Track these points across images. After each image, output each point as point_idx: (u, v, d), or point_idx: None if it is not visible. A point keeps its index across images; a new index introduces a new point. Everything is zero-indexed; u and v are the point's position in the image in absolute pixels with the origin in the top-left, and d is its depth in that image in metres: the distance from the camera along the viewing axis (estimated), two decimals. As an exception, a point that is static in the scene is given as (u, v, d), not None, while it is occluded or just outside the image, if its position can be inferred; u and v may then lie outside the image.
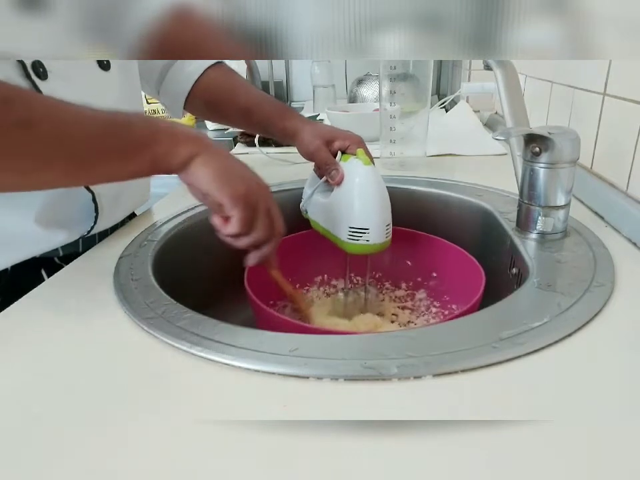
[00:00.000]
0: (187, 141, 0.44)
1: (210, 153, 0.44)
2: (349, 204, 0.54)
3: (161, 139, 0.43)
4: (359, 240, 0.54)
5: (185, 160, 0.43)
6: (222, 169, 0.44)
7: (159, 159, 0.43)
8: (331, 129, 0.61)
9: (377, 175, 0.55)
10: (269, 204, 0.47)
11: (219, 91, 0.69)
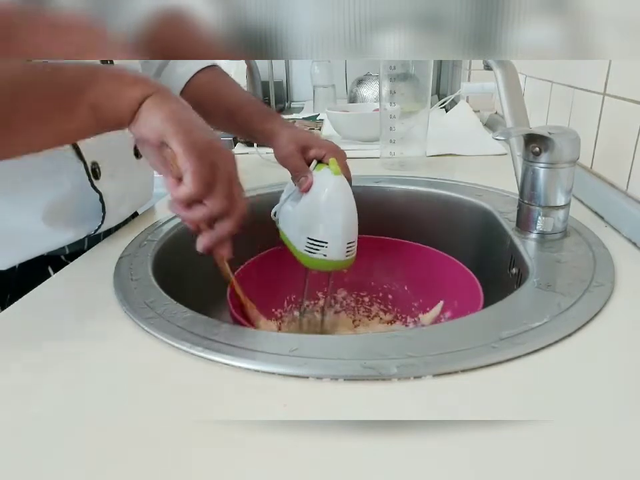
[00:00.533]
0: (135, 81, 0.38)
1: (164, 95, 0.39)
2: (311, 214, 0.51)
3: (101, 79, 0.38)
4: (315, 253, 0.51)
5: (133, 103, 0.37)
6: (178, 112, 0.38)
7: (100, 104, 0.37)
8: (309, 136, 0.58)
9: (346, 187, 0.51)
10: (232, 171, 0.40)
11: (206, 94, 0.69)
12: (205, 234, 0.41)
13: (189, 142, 0.37)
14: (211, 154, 0.38)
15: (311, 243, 0.51)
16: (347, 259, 0.51)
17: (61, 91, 0.37)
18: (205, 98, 0.69)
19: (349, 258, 0.51)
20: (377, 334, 0.36)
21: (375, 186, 0.73)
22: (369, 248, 0.59)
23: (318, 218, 0.50)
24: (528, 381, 0.31)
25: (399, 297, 0.65)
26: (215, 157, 0.39)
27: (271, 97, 1.77)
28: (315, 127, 1.15)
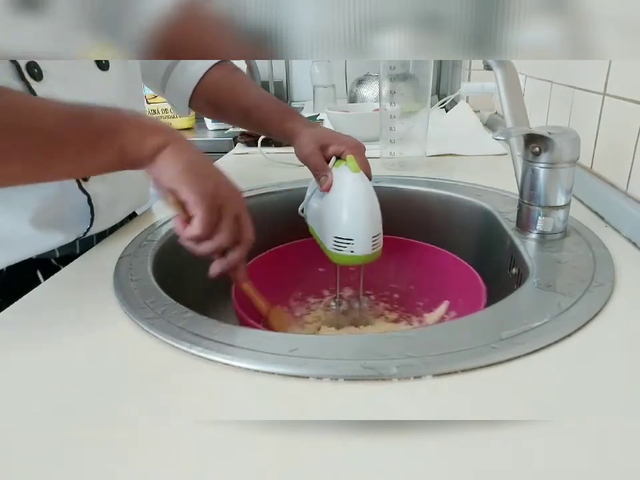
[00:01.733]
0: (155, 131, 0.42)
1: (180, 146, 0.43)
2: (335, 212, 0.52)
3: (127, 127, 0.42)
4: (343, 250, 0.52)
5: (153, 150, 0.41)
6: (192, 163, 0.42)
7: (126, 149, 0.41)
8: (330, 133, 0.59)
9: (365, 182, 0.52)
10: (239, 210, 0.44)
11: (221, 91, 0.69)
12: (216, 262, 0.45)
13: (198, 191, 0.41)
14: (218, 197, 0.42)
15: (338, 240, 0.52)
16: (374, 252, 0.53)
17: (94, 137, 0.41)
18: (219, 96, 0.69)
19: (375, 251, 0.53)
20: (377, 334, 0.36)
21: (375, 186, 0.72)
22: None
23: (341, 216, 0.52)
24: (528, 381, 0.31)
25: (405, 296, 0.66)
26: (222, 200, 0.42)
27: (271, 97, 1.77)
28: (315, 127, 1.15)
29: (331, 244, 0.53)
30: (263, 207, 0.69)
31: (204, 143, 1.46)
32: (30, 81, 0.47)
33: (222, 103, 0.69)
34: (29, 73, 0.47)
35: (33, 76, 0.48)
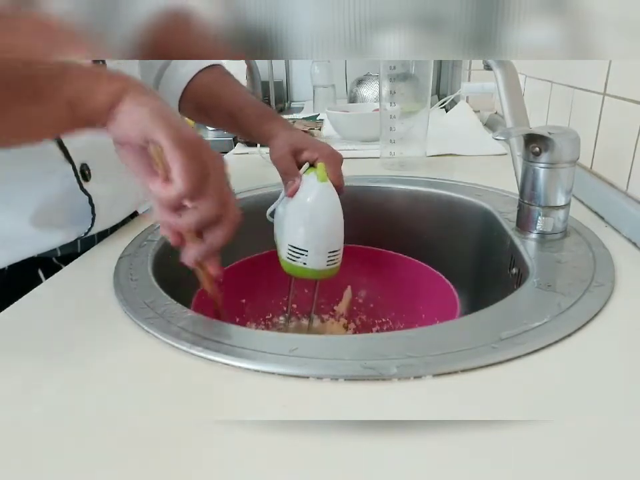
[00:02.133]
0: (109, 78, 0.36)
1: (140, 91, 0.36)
2: (294, 219, 0.50)
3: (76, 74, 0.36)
4: (296, 261, 0.49)
5: (109, 100, 0.35)
6: (161, 108, 0.35)
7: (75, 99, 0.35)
8: (307, 138, 0.57)
9: (330, 194, 0.49)
10: (222, 174, 0.37)
11: (207, 96, 0.69)
12: (192, 245, 0.37)
13: (178, 137, 0.34)
14: (201, 152, 0.35)
15: (292, 250, 0.49)
16: (328, 268, 0.50)
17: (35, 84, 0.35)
18: (207, 99, 0.69)
19: (330, 267, 0.50)
20: (377, 334, 0.36)
21: (374, 186, 0.73)
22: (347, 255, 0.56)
23: (300, 224, 0.49)
24: (528, 381, 0.31)
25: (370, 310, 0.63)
26: (205, 156, 0.35)
27: (271, 97, 1.77)
28: (315, 127, 1.15)
29: (285, 252, 0.50)
30: (261, 207, 0.69)
31: (204, 143, 1.46)
32: None
33: (208, 107, 0.69)
34: None
35: None
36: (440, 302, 0.52)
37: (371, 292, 0.52)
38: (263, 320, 0.62)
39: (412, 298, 0.58)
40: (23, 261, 0.54)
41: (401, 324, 0.61)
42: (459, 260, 0.69)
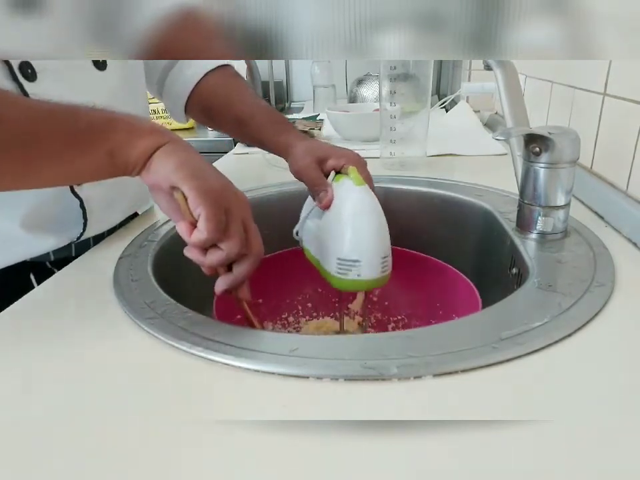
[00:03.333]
0: (147, 132, 0.39)
1: (175, 145, 0.39)
2: (338, 231, 0.46)
3: (118, 127, 0.39)
4: (348, 274, 0.45)
5: (146, 152, 0.38)
6: (189, 160, 0.39)
7: (116, 151, 0.38)
8: (327, 146, 0.54)
9: (371, 196, 0.47)
10: (246, 215, 0.40)
11: (215, 99, 0.66)
12: (222, 277, 0.41)
13: (201, 187, 0.37)
14: (224, 199, 0.38)
15: (342, 263, 0.46)
16: (383, 275, 0.46)
17: (81, 136, 0.38)
18: (214, 103, 0.66)
19: (385, 274, 0.46)
20: (377, 334, 0.36)
21: (375, 186, 0.72)
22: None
23: (345, 235, 0.45)
24: (528, 381, 0.31)
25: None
26: (228, 202, 0.38)
27: (270, 97, 1.77)
28: (315, 127, 1.15)
29: (334, 267, 0.46)
30: (262, 207, 0.69)
31: (204, 143, 1.46)
32: (23, 81, 0.46)
33: (216, 111, 0.66)
34: (22, 73, 0.46)
35: (26, 76, 0.46)
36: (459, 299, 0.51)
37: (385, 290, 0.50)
38: (279, 319, 0.62)
39: (429, 295, 0.57)
40: (15, 265, 0.54)
41: (417, 321, 0.60)
42: (459, 260, 0.69)
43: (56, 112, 0.38)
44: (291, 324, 0.63)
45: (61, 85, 0.49)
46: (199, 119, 0.73)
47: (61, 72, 0.50)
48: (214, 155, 1.32)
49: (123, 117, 0.40)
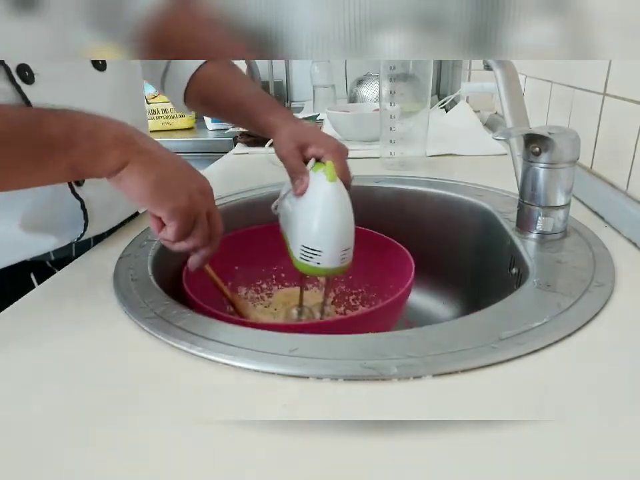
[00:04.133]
0: (111, 145, 0.40)
1: (144, 161, 0.41)
2: (306, 220, 0.49)
3: (79, 140, 0.39)
4: (310, 261, 0.49)
5: (112, 169, 0.40)
6: (159, 180, 0.41)
7: (78, 166, 0.39)
8: (311, 132, 0.55)
9: (341, 192, 0.49)
10: (210, 208, 0.45)
11: (213, 86, 0.68)
12: (192, 258, 0.47)
13: (171, 207, 0.41)
14: (192, 210, 0.42)
15: (305, 250, 0.49)
16: (342, 265, 0.50)
17: (39, 150, 0.38)
18: (210, 91, 0.68)
19: (344, 265, 0.50)
20: (377, 334, 0.36)
21: (375, 186, 0.73)
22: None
23: (312, 225, 0.49)
24: (528, 381, 0.31)
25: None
26: (196, 210, 0.43)
27: (271, 97, 1.77)
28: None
29: (298, 252, 0.50)
30: (261, 207, 0.69)
31: (204, 143, 1.46)
32: (21, 84, 0.46)
33: (212, 98, 0.68)
34: (20, 75, 0.46)
35: (24, 79, 0.46)
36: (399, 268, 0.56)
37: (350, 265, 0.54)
38: (253, 285, 0.67)
39: (383, 270, 0.62)
40: (15, 265, 0.53)
41: (373, 293, 0.65)
42: (459, 260, 0.69)
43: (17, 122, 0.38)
44: (263, 290, 0.68)
45: (59, 87, 0.49)
46: (198, 109, 0.74)
47: (58, 74, 0.49)
48: (214, 155, 1.32)
49: (86, 125, 0.40)
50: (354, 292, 0.67)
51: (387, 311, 0.49)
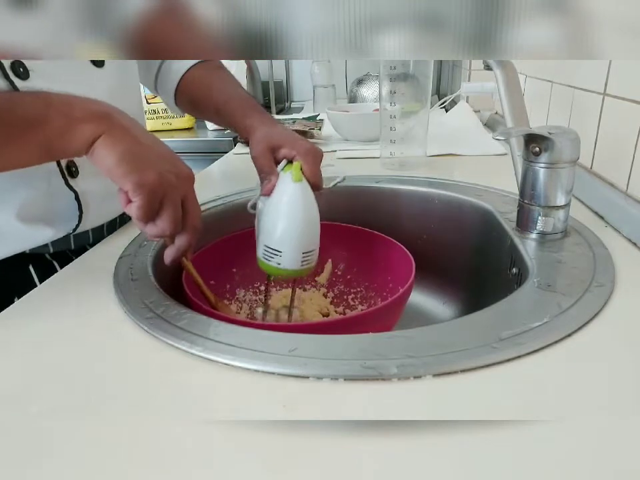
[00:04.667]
0: (86, 119, 0.39)
1: (117, 133, 0.40)
2: (270, 220, 0.50)
3: (53, 116, 0.38)
4: (270, 261, 0.50)
5: (85, 142, 0.39)
6: (130, 152, 0.40)
7: (51, 144, 0.38)
8: (285, 134, 0.55)
9: (305, 194, 0.49)
10: (185, 194, 0.43)
11: (198, 90, 0.69)
12: (168, 249, 0.45)
13: (137, 180, 0.39)
14: (159, 186, 0.41)
15: (267, 250, 0.49)
16: (302, 268, 0.50)
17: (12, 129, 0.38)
18: (198, 93, 0.69)
19: (304, 267, 0.50)
20: (377, 334, 0.36)
21: (375, 186, 0.73)
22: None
23: (275, 225, 0.49)
24: (528, 381, 0.31)
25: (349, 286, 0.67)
26: (163, 188, 0.41)
27: (271, 97, 1.77)
28: (315, 127, 1.15)
29: (261, 251, 0.51)
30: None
31: (204, 143, 1.46)
32: (14, 79, 0.46)
33: (198, 101, 0.69)
34: (14, 71, 0.46)
35: (18, 74, 0.47)
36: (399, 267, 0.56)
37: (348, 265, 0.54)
38: (251, 287, 0.67)
39: (382, 269, 0.62)
40: (14, 257, 0.54)
41: (372, 292, 0.65)
42: (459, 260, 0.69)
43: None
44: (262, 292, 0.67)
45: (54, 84, 0.48)
46: (187, 110, 0.75)
47: (54, 70, 0.49)
48: (214, 154, 1.32)
49: (60, 101, 0.40)
50: (353, 291, 0.67)
51: (388, 311, 0.49)
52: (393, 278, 0.60)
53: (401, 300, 0.50)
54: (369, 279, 0.65)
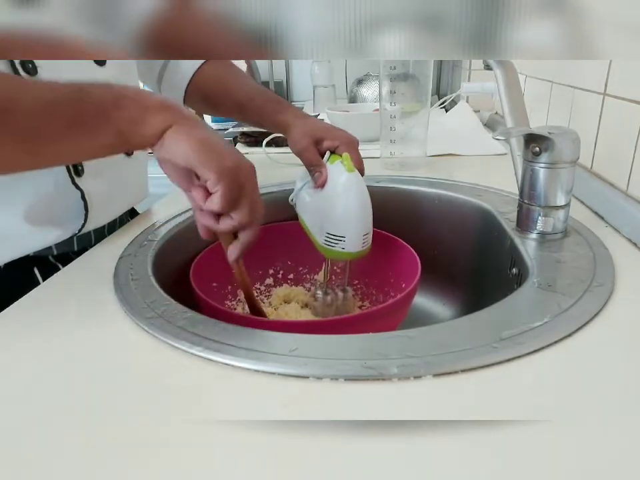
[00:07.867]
0: (158, 108, 0.40)
1: (188, 123, 0.40)
2: (328, 209, 0.53)
3: (126, 104, 0.39)
4: (335, 247, 0.54)
5: (157, 130, 0.39)
6: (204, 140, 0.40)
7: (126, 129, 0.39)
8: (323, 126, 0.58)
9: (359, 182, 0.53)
10: (255, 185, 0.43)
11: (214, 86, 0.69)
12: (232, 246, 0.44)
13: (219, 167, 0.39)
14: (239, 175, 0.40)
15: (330, 236, 0.53)
16: (364, 249, 0.54)
17: (87, 116, 0.38)
18: (213, 90, 0.69)
19: (365, 248, 0.54)
20: (377, 334, 0.36)
21: (375, 186, 0.73)
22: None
23: (334, 213, 0.52)
24: (528, 381, 0.31)
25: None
26: (242, 175, 0.40)
27: (271, 97, 1.77)
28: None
29: (322, 239, 0.54)
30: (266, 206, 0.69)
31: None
32: (24, 75, 0.47)
33: (216, 98, 0.69)
34: (23, 67, 0.47)
35: (27, 70, 0.47)
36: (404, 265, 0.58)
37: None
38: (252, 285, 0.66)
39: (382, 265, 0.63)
40: (19, 260, 0.54)
41: (373, 288, 0.66)
42: (459, 260, 0.69)
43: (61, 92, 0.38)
44: (262, 292, 0.69)
45: (60, 80, 0.49)
46: (198, 108, 0.75)
47: (60, 66, 0.50)
48: (214, 154, 1.32)
49: (131, 93, 0.40)
50: (358, 289, 0.67)
51: (391, 310, 0.49)
52: (399, 277, 0.61)
53: (406, 299, 0.50)
54: (374, 277, 0.66)
